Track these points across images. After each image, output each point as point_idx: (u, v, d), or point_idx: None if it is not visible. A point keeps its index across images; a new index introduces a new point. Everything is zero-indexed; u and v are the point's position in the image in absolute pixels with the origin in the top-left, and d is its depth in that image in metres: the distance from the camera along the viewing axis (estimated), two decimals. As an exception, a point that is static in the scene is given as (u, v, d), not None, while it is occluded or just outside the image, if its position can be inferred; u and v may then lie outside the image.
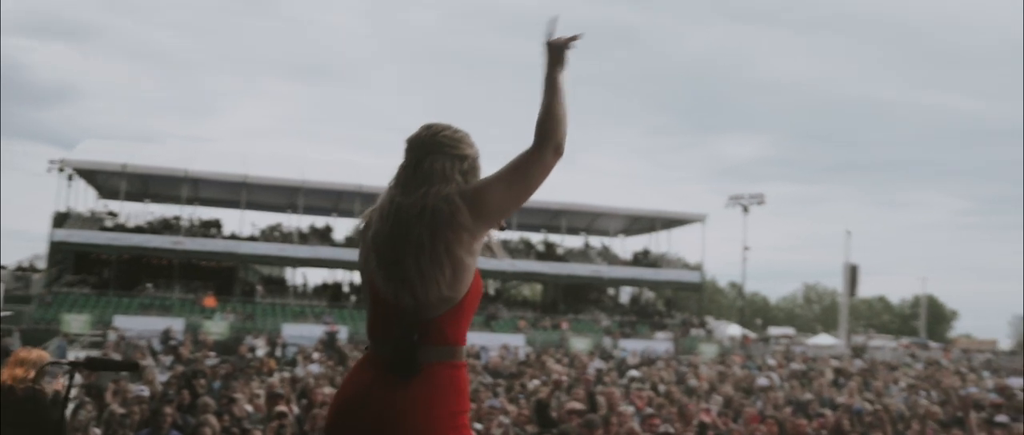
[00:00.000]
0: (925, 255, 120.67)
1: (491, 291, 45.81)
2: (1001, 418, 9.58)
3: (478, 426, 7.60)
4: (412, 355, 2.37)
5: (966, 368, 24.59)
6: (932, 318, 79.08)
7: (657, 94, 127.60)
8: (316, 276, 43.17)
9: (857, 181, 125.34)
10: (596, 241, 46.35)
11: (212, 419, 6.74)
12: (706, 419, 9.03)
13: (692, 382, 13.53)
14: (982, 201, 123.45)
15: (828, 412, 9.93)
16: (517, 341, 33.73)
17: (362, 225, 2.61)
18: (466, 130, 2.64)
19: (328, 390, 10.29)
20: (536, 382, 12.47)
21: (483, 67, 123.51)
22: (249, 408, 8.82)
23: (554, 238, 45.52)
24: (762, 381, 13.90)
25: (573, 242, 45.86)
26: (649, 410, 9.35)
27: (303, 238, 39.79)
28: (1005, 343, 72.38)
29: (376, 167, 40.85)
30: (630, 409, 9.58)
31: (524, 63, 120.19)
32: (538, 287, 53.70)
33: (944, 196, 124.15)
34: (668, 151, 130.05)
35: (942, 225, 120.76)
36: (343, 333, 33.42)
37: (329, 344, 25.68)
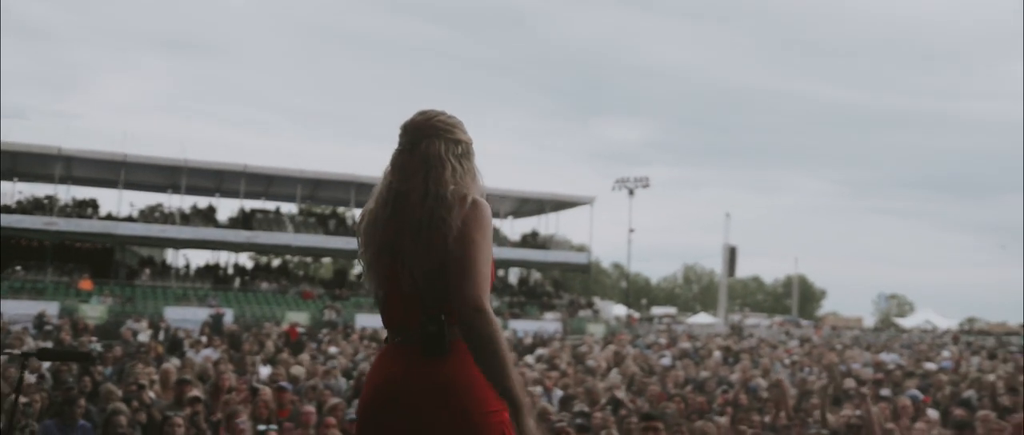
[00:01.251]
0: (796, 237, 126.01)
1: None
2: (884, 392, 10.20)
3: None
4: (441, 335, 2.40)
5: (840, 345, 25.92)
6: (802, 297, 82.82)
7: (543, 78, 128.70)
8: (199, 258, 41.97)
9: (734, 165, 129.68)
10: (487, 223, 46.59)
11: (123, 407, 6.51)
12: (618, 395, 9.28)
13: (590, 362, 13.83)
14: (848, 185, 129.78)
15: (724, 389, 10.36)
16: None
17: (360, 222, 2.61)
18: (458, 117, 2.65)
19: (234, 375, 10.09)
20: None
21: (372, 48, 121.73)
22: (152, 394, 8.55)
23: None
24: (665, 361, 14.36)
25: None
26: (559, 391, 9.54)
27: (185, 219, 38.54)
28: (869, 320, 76.38)
29: (261, 147, 40.16)
30: (537, 389, 9.75)
31: (415, 46, 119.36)
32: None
33: (814, 180, 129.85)
34: (553, 134, 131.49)
35: (812, 208, 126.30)
36: (229, 316, 32.65)
37: (215, 327, 25.05)
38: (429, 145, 2.51)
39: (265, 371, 11.75)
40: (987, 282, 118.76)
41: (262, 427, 5.91)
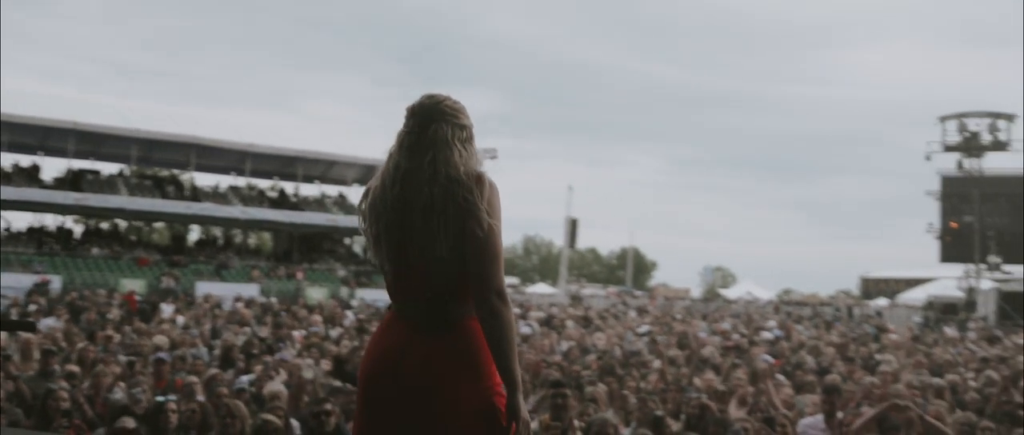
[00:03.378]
0: (630, 210, 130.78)
1: (221, 240, 44.00)
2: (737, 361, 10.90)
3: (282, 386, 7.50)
4: (444, 311, 2.51)
5: (679, 315, 27.22)
6: (635, 268, 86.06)
7: (383, 43, 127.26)
8: (21, 221, 39.15)
9: (572, 139, 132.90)
10: (332, 190, 45.78)
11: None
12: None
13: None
14: (678, 162, 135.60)
15: (593, 357, 10.80)
16: (251, 291, 32.78)
17: (362, 201, 2.68)
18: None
19: (84, 345, 9.63)
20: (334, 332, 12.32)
21: (201, 1, 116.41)
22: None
23: (288, 186, 44.44)
24: (525, 329, 14.73)
25: (308, 190, 45.03)
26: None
27: (6, 178, 35.85)
28: (696, 291, 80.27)
29: (86, 102, 37.64)
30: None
31: (246, 2, 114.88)
32: (266, 235, 52.20)
33: (647, 156, 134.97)
34: (393, 101, 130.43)
35: (644, 183, 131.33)
36: (56, 283, 30.82)
37: (41, 295, 23.64)
38: (437, 129, 2.58)
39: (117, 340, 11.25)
40: (800, 256, 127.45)
41: (160, 398, 5.73)
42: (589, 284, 75.60)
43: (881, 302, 56.16)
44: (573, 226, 52.83)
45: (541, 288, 67.07)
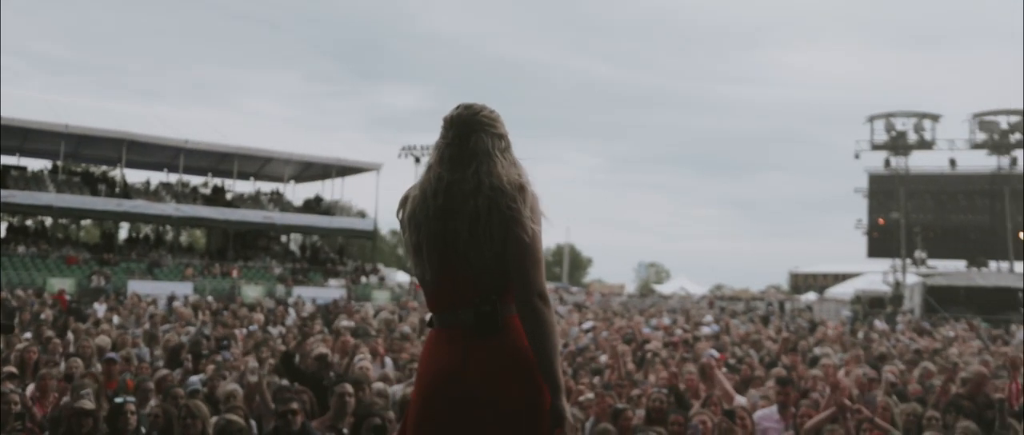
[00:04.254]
0: (566, 207, 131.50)
1: (152, 237, 42.98)
2: (686, 356, 11.07)
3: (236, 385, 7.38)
4: (494, 316, 2.55)
5: (619, 310, 27.49)
6: (571, 265, 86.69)
7: (318, 38, 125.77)
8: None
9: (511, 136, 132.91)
10: (268, 186, 45.12)
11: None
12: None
13: (405, 328, 13.94)
14: (613, 159, 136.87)
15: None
16: (185, 289, 32.16)
17: (400, 210, 2.73)
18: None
19: (25, 346, 9.33)
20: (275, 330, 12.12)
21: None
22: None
23: (222, 182, 43.62)
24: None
25: (243, 187, 44.31)
26: (388, 357, 9.61)
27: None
28: (631, 287, 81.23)
29: (11, 96, 36.13)
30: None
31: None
32: (197, 232, 51.24)
33: (583, 154, 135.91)
34: (328, 98, 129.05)
35: (580, 180, 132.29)
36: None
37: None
38: (478, 140, 2.64)
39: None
40: (731, 252, 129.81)
41: (119, 399, 5.58)
42: (526, 280, 75.78)
43: (810, 297, 57.55)
44: (511, 223, 52.87)
45: (478, 285, 67.09)
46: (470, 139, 2.65)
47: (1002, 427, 6.88)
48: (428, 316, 2.75)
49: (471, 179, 2.58)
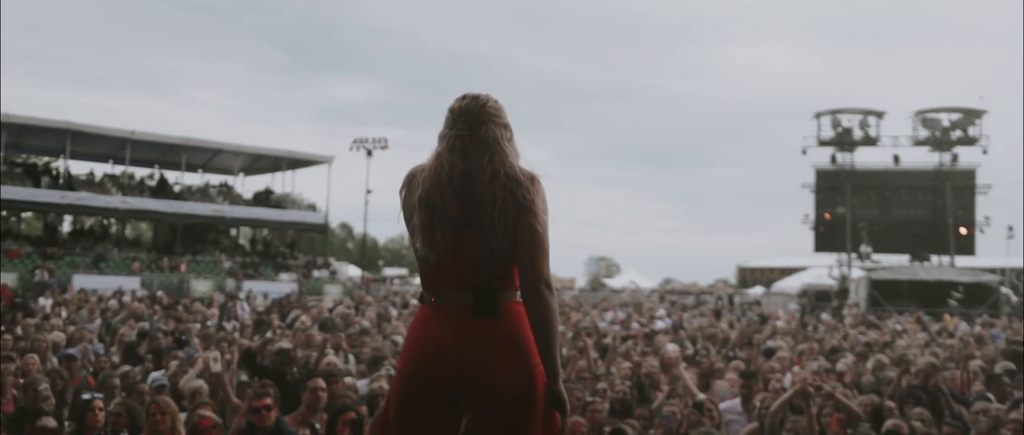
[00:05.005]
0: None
1: (98, 230, 42.09)
2: (647, 349, 11.20)
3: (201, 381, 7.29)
4: (493, 297, 2.62)
5: (582, 304, 27.64)
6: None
7: (266, 29, 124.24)
8: None
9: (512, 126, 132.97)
10: (217, 179, 44.45)
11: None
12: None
13: (365, 322, 13.87)
14: (562, 154, 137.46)
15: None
16: (132, 283, 31.59)
17: (404, 189, 2.79)
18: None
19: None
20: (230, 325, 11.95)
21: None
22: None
23: (170, 174, 42.88)
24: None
25: (191, 179, 43.61)
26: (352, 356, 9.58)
27: None
28: (581, 281, 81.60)
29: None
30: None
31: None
32: (143, 225, 50.27)
33: (534, 148, 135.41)
34: (276, 89, 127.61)
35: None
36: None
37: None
38: (487, 130, 2.75)
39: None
40: (680, 246, 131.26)
41: (86, 396, 5.49)
42: (477, 274, 75.71)
43: (758, 291, 58.45)
44: (463, 217, 52.75)
45: (430, 279, 66.88)
46: (480, 129, 2.74)
47: (953, 416, 7.10)
48: (420, 293, 2.81)
49: (487, 167, 2.68)
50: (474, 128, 2.75)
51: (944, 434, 6.30)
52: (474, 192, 2.66)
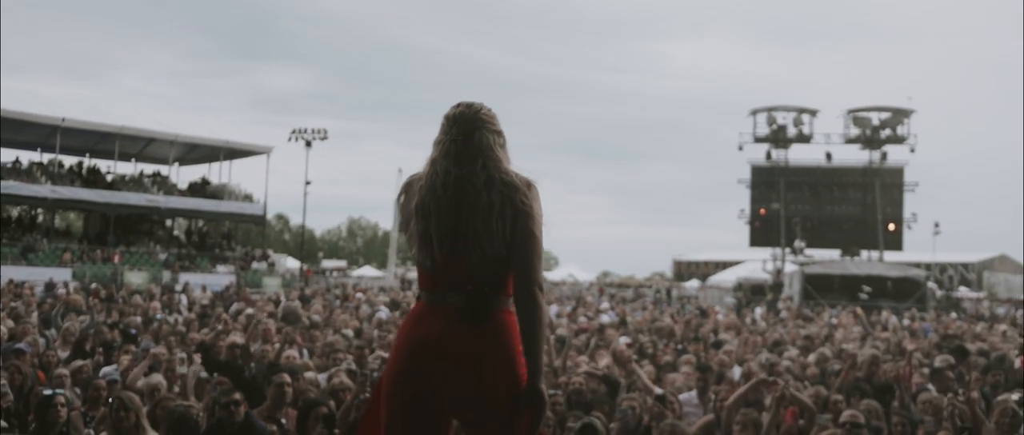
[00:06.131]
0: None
1: (25, 220, 40.83)
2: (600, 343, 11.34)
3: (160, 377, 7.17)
4: (484, 304, 2.71)
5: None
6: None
7: (197, 15, 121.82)
8: None
9: (394, 120, 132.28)
10: (150, 168, 43.47)
11: None
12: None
13: (315, 317, 13.76)
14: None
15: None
16: (63, 275, 30.73)
17: (402, 196, 2.86)
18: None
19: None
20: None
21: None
22: None
23: (102, 163, 41.77)
24: (382, 314, 14.70)
25: (124, 168, 42.56)
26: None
27: None
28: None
29: None
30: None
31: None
32: (73, 215, 48.94)
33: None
34: (206, 77, 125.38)
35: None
36: None
37: None
38: (481, 136, 2.81)
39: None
40: (617, 239, 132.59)
41: (48, 392, 5.37)
42: (413, 267, 75.39)
43: (694, 284, 59.39)
44: (403, 209, 52.42)
45: (368, 271, 66.54)
46: (474, 136, 2.81)
47: (902, 407, 7.36)
48: (418, 292, 2.88)
49: (480, 173, 2.75)
50: (467, 134, 2.81)
51: (893, 425, 6.51)
52: (469, 198, 2.72)
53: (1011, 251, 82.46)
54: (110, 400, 6.41)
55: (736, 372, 9.30)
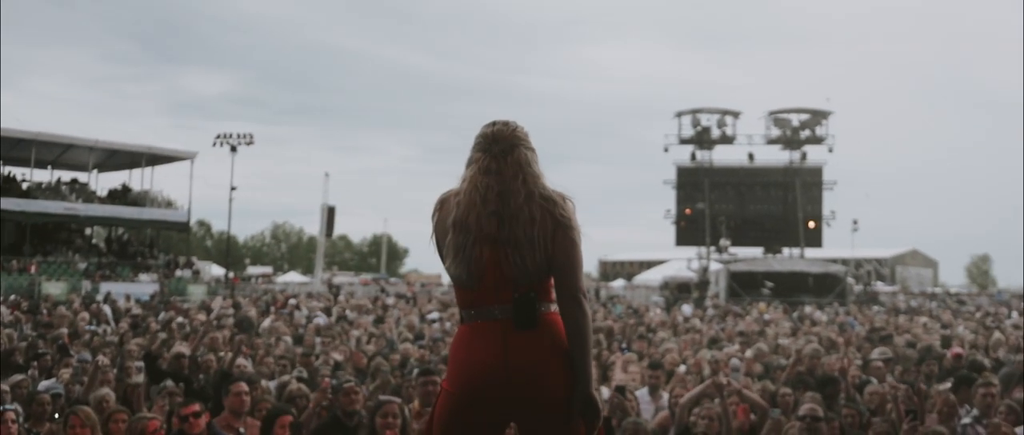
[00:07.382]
0: (380, 197, 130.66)
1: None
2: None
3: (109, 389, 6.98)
4: (533, 310, 2.75)
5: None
6: (388, 255, 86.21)
7: (114, 17, 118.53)
8: None
9: (318, 124, 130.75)
10: (68, 175, 42.12)
11: None
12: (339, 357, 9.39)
13: (264, 324, 13.55)
14: (427, 149, 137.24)
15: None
16: (-24, 286, 29.58)
17: (436, 213, 2.93)
18: None
19: None
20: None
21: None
22: None
23: (17, 171, 40.31)
24: (320, 320, 14.52)
25: (40, 176, 41.15)
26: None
27: None
28: (446, 277, 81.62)
29: None
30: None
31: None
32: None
33: (397, 144, 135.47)
34: (127, 81, 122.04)
35: (396, 170, 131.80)
36: None
37: None
38: (518, 153, 2.91)
39: None
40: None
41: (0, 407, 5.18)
42: (341, 272, 74.70)
43: (619, 283, 60.12)
44: (330, 214, 51.99)
45: (293, 277, 65.51)
46: (512, 153, 2.89)
47: (848, 399, 7.60)
48: (460, 313, 2.90)
49: (521, 188, 2.83)
50: (506, 152, 2.89)
51: (843, 417, 6.71)
52: (510, 211, 2.80)
53: (922, 246, 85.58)
54: (57, 415, 6.25)
55: (681, 369, 9.45)
